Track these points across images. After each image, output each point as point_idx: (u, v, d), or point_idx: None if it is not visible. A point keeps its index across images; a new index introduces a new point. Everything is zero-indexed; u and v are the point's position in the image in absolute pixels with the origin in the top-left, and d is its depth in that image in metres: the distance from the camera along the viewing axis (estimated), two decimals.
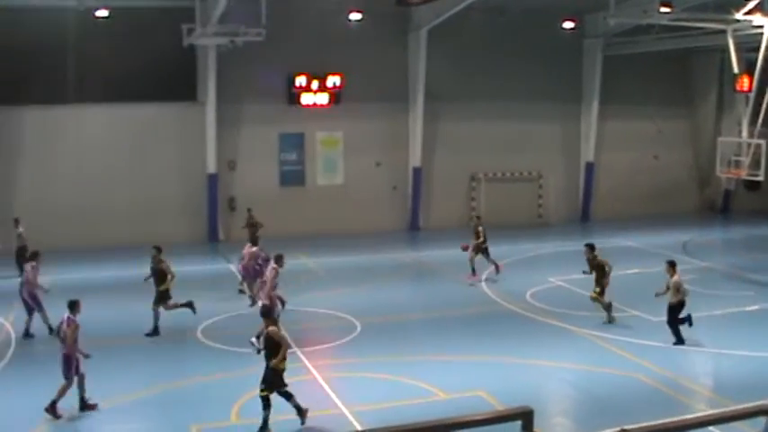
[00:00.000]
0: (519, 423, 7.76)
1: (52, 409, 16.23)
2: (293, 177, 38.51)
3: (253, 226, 31.56)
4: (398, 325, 23.30)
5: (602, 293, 22.78)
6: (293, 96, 37.43)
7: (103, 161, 35.75)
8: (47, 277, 22.42)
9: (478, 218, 30.50)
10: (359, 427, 15.35)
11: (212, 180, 36.76)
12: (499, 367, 19.23)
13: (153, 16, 34.44)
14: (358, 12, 36.63)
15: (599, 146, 42.37)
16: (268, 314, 16.06)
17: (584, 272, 23.54)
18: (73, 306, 16.95)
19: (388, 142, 39.26)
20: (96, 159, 35.59)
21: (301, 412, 15.74)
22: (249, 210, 32.98)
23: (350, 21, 36.92)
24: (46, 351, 19.74)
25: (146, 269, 23.72)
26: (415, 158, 39.39)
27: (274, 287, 21.13)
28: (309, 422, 15.98)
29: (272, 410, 15.65)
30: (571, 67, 41.31)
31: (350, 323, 23.02)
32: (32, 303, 21.99)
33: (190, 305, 22.53)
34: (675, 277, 20.59)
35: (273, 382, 15.68)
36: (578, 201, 42.98)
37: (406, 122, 39.36)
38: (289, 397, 15.73)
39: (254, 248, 25.62)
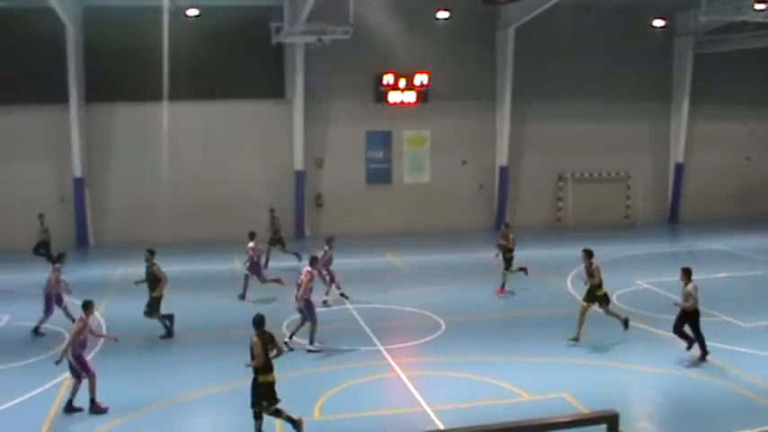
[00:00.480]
0: (604, 427, 7.71)
1: (95, 407, 16.38)
2: (380, 175, 38.70)
3: (275, 226, 31.29)
4: (483, 324, 23.23)
5: (605, 301, 21.21)
6: (380, 94, 37.64)
7: (193, 158, 36.49)
8: (139, 269, 22.77)
9: (507, 225, 28.26)
10: (441, 426, 15.34)
11: (300, 177, 37.16)
12: (583, 369, 19.03)
13: (242, 15, 34.94)
14: (445, 10, 36.67)
15: (689, 146, 41.64)
16: (258, 323, 15.12)
17: (585, 283, 21.45)
18: (86, 306, 17.04)
19: (475, 141, 39.20)
20: (186, 156, 36.35)
21: (297, 425, 15.06)
22: (272, 210, 32.23)
23: (437, 19, 37.03)
24: (132, 344, 20.11)
25: (233, 265, 24.11)
26: (502, 157, 39.25)
27: (310, 289, 20.75)
28: (393, 419, 16.06)
29: (358, 407, 15.73)
30: (660, 65, 40.67)
31: (434, 322, 23.04)
32: (45, 303, 22.21)
33: (170, 319, 22.20)
34: (689, 286, 19.25)
35: (266, 396, 14.92)
36: (667, 202, 42.31)
37: (493, 121, 39.26)
38: (278, 414, 15.04)
39: (251, 244, 25.91)
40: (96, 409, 16.38)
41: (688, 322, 19.26)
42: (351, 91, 37.50)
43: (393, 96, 37.73)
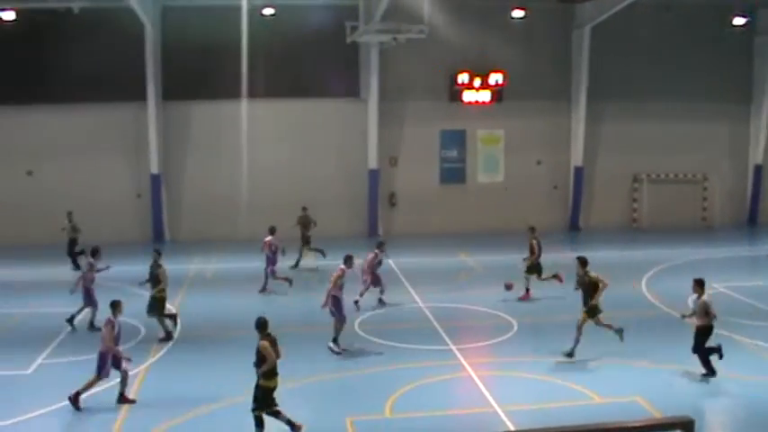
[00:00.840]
0: None
1: (75, 399, 16.34)
2: (453, 175, 38.68)
3: (305, 225, 31.15)
4: (555, 325, 23.01)
5: (593, 314, 19.78)
6: (455, 94, 37.58)
7: (267, 156, 36.85)
8: (224, 265, 23.03)
9: (533, 229, 26.83)
10: (511, 427, 15.26)
11: (373, 176, 37.30)
12: (657, 373, 18.75)
13: (317, 14, 35.19)
14: (521, 9, 36.50)
15: None
16: (262, 326, 15.07)
17: (575, 289, 20.63)
18: (114, 306, 17.13)
19: (550, 141, 38.96)
20: (261, 154, 36.70)
21: (295, 428, 15.04)
22: (305, 208, 31.76)
23: (513, 18, 36.83)
24: (209, 338, 20.37)
25: (304, 262, 24.35)
26: (577, 157, 38.93)
27: (340, 287, 20.48)
28: (464, 419, 16.05)
29: (428, 406, 15.74)
30: (741, 65, 39.95)
31: (506, 322, 22.96)
32: (86, 298, 22.57)
33: (174, 319, 22.31)
34: (703, 297, 18.24)
35: (263, 400, 14.89)
36: (745, 204, 41.54)
37: (569, 121, 38.98)
38: (277, 415, 14.97)
39: (269, 238, 26.71)
40: (74, 402, 16.31)
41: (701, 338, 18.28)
42: (425, 90, 37.54)
43: (468, 96, 37.65)
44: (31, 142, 36.77)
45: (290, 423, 15.00)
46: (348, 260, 20.96)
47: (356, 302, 23.52)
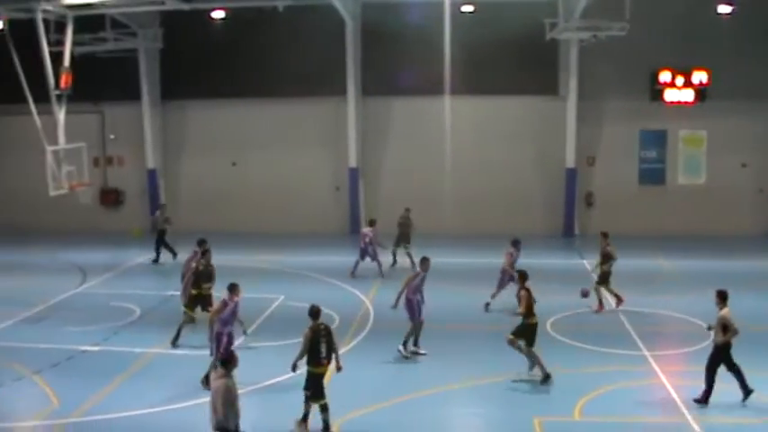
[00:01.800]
0: None
1: (207, 382, 16.42)
2: (653, 176, 37.68)
3: (406, 225, 30.67)
4: (755, 336, 22.02)
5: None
6: (656, 92, 36.57)
7: (466, 151, 37.07)
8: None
9: (605, 234, 25.10)
10: None
11: (570, 175, 36.86)
12: None
13: (516, 11, 34.98)
14: (728, 4, 34.98)
15: None
16: (314, 315, 15.62)
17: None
18: (231, 289, 17.79)
19: (757, 143, 37.16)
20: (460, 149, 36.91)
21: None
22: (407, 209, 31.17)
23: (719, 14, 35.35)
24: (402, 330, 20.69)
25: (502, 260, 24.39)
26: None
27: (414, 290, 20.11)
28: (654, 428, 15.74)
29: (618, 411, 15.51)
30: None
31: (701, 330, 22.13)
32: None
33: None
34: (723, 311, 16.65)
35: (310, 386, 15.37)
36: None
37: None
38: (324, 410, 15.35)
39: (366, 228, 28.69)
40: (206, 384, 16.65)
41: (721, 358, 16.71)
42: (625, 88, 36.67)
43: (669, 95, 36.52)
44: (236, 135, 38.89)
45: (326, 424, 15.34)
46: (424, 262, 20.55)
47: (487, 305, 23.95)
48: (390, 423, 16.08)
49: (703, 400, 16.67)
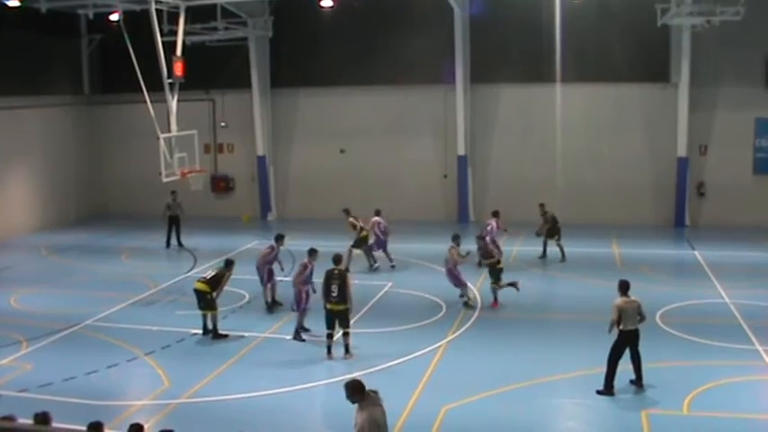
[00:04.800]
0: None
1: (297, 335, 20.38)
2: None
3: (547, 221, 29.88)
4: None
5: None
6: None
7: (576, 139, 36.64)
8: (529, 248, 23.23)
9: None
10: None
11: (682, 164, 36.03)
12: None
13: None
14: None
15: None
16: (336, 261, 19.55)
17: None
18: (311, 253, 20.64)
19: None
20: (570, 137, 36.53)
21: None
22: (542, 205, 30.37)
23: None
24: (509, 318, 20.63)
25: (610, 249, 24.07)
26: None
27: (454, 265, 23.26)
28: (765, 426, 15.33)
29: (728, 407, 15.22)
30: None
31: None
32: (260, 276, 23.50)
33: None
34: None
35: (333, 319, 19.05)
36: None
37: None
38: (346, 336, 19.11)
39: (376, 218, 28.75)
40: (298, 337, 20.38)
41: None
42: (740, 75, 35.57)
43: None
44: (344, 122, 39.31)
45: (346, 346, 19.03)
46: (455, 238, 24.02)
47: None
48: (497, 411, 16.04)
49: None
